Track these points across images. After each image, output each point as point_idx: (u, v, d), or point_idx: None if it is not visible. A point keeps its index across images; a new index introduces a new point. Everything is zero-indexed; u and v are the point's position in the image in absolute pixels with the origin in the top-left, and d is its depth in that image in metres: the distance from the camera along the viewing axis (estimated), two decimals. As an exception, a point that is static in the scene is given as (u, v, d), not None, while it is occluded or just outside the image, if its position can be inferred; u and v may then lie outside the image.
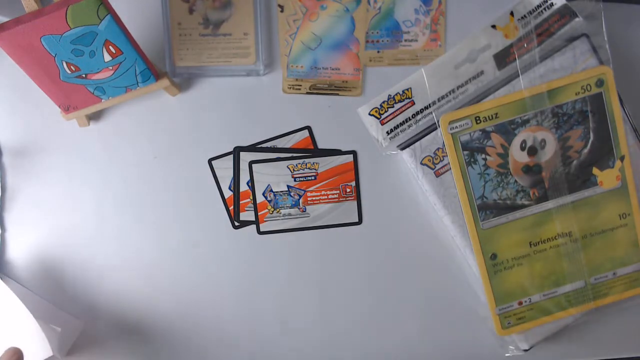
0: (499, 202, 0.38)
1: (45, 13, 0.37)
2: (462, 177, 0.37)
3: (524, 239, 0.40)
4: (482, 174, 0.37)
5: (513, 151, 0.37)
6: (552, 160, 0.37)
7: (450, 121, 0.37)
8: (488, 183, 0.37)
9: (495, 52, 0.45)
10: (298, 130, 0.48)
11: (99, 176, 0.49)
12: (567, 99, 0.36)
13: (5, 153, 0.49)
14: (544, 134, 0.37)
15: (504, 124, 0.36)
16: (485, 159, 0.37)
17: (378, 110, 0.46)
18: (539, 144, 0.37)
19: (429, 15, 0.48)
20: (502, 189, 0.37)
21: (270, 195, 0.48)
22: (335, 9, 0.47)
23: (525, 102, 0.36)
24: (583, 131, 0.37)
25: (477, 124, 0.35)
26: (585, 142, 0.37)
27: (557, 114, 0.36)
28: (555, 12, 0.45)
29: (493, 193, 0.38)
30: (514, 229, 0.39)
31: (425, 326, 0.48)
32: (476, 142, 0.36)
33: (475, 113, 0.37)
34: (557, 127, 0.37)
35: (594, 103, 0.37)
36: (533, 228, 0.39)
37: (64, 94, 0.44)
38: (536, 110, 0.36)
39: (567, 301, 0.42)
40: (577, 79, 0.36)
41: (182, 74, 0.48)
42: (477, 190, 0.37)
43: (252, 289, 0.49)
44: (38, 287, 0.48)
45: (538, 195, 0.38)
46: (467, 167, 0.36)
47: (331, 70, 0.48)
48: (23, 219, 0.49)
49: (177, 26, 0.47)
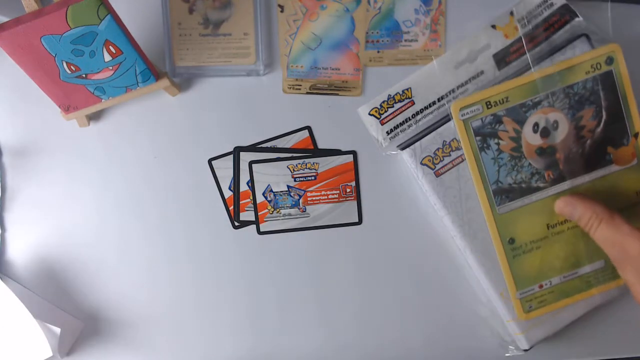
0: (514, 185, 0.38)
1: (45, 13, 0.37)
2: (476, 163, 0.38)
3: (541, 222, 0.40)
4: (495, 158, 0.37)
5: (526, 134, 0.37)
6: (565, 141, 0.37)
7: (461, 107, 0.37)
8: (502, 167, 0.37)
9: (495, 52, 0.45)
10: (298, 130, 0.48)
11: (99, 176, 0.49)
12: (577, 79, 0.36)
13: (5, 153, 0.49)
14: (556, 115, 0.37)
15: (515, 107, 0.36)
16: (498, 143, 0.37)
17: (378, 110, 0.46)
18: (551, 126, 0.37)
19: (429, 15, 0.48)
20: (517, 172, 0.38)
21: (270, 195, 0.48)
22: (335, 9, 0.47)
23: (536, 84, 0.36)
24: (595, 110, 0.37)
25: (487, 108, 0.35)
26: (598, 121, 0.37)
27: (568, 94, 0.36)
28: (555, 12, 0.45)
29: (508, 177, 0.38)
30: (531, 211, 0.40)
31: (425, 326, 0.48)
32: (488, 127, 0.36)
33: (486, 98, 0.37)
34: (569, 108, 0.37)
35: (605, 81, 0.37)
36: (550, 210, 0.40)
37: (64, 94, 0.44)
38: (547, 91, 0.36)
39: (588, 282, 0.42)
40: (587, 57, 0.37)
41: (182, 74, 0.48)
42: (491, 175, 0.38)
43: (252, 289, 0.49)
44: (38, 287, 0.48)
45: (553, 177, 0.38)
46: (480, 153, 0.37)
47: (331, 70, 0.48)
48: (23, 219, 0.49)
49: (177, 26, 0.47)
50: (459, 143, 0.45)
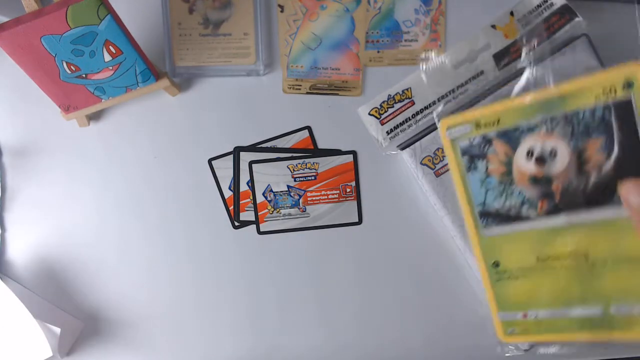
0: (502, 211, 0.34)
1: (45, 13, 0.37)
2: (462, 182, 0.34)
3: (530, 252, 0.35)
4: (483, 181, 0.33)
5: (518, 160, 0.32)
6: (564, 172, 0.31)
7: (449, 126, 0.33)
8: (490, 191, 0.33)
9: (495, 52, 0.45)
10: (298, 130, 0.48)
11: (99, 176, 0.49)
12: (584, 105, 0.29)
13: (5, 153, 0.49)
14: (554, 143, 0.31)
15: (507, 130, 0.31)
16: (487, 166, 0.33)
17: (378, 110, 0.46)
18: (548, 154, 0.31)
19: (429, 15, 0.48)
20: (506, 198, 0.33)
21: (270, 195, 0.48)
22: (335, 9, 0.47)
23: (532, 108, 0.30)
24: (605, 142, 0.30)
25: (477, 129, 0.31)
26: (607, 155, 0.30)
27: (571, 121, 0.30)
28: (555, 12, 0.45)
29: (495, 202, 0.34)
30: (519, 239, 0.35)
31: (425, 326, 0.48)
32: (477, 149, 0.32)
33: (476, 118, 0.33)
34: (572, 136, 0.30)
35: (620, 110, 0.29)
36: (540, 243, 0.35)
37: (64, 94, 0.44)
38: (545, 116, 0.30)
39: (581, 325, 0.36)
40: (598, 80, 0.29)
41: (182, 74, 0.48)
42: (478, 196, 0.34)
43: (252, 289, 0.49)
44: (38, 287, 0.48)
45: (547, 208, 0.33)
46: (467, 173, 0.33)
47: (331, 70, 0.48)
48: (23, 219, 0.49)
49: (177, 26, 0.47)
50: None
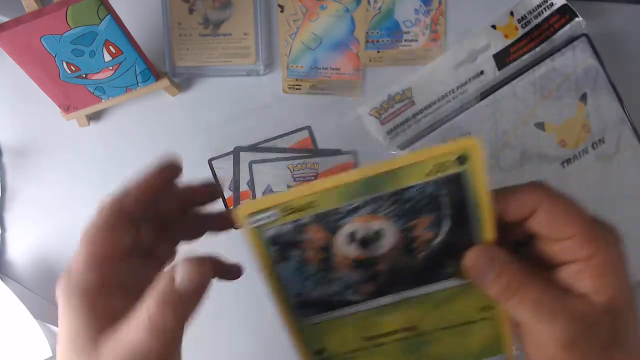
0: (323, 299, 0.30)
1: (45, 13, 0.37)
2: (271, 276, 0.29)
3: (358, 334, 0.33)
4: (299, 270, 0.29)
5: (339, 244, 0.28)
6: (390, 253, 0.28)
7: (250, 214, 0.27)
8: (308, 280, 0.29)
9: (495, 52, 0.45)
10: (298, 130, 0.48)
11: (99, 176, 0.49)
12: (413, 182, 0.26)
13: (5, 153, 0.49)
14: (379, 224, 0.27)
15: (324, 213, 0.27)
16: (302, 254, 0.28)
17: (378, 110, 0.46)
18: (372, 236, 0.28)
19: (429, 15, 0.48)
20: (327, 285, 0.29)
21: (270, 195, 0.48)
22: (335, 9, 0.47)
23: (354, 188, 0.26)
24: (434, 219, 0.27)
25: (286, 215, 0.26)
26: (436, 232, 0.28)
27: (398, 200, 0.27)
28: (555, 12, 0.45)
29: (315, 290, 0.30)
30: (345, 323, 0.32)
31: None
32: (288, 236, 0.27)
33: (284, 202, 0.27)
34: (398, 216, 0.27)
35: (451, 186, 0.26)
36: (367, 323, 0.32)
37: (64, 94, 0.44)
38: (367, 197, 0.26)
39: None
40: (431, 155, 0.25)
41: (182, 74, 0.48)
42: (294, 287, 0.30)
43: (252, 289, 0.48)
44: (38, 287, 0.48)
45: (372, 290, 0.30)
46: (278, 264, 0.28)
47: (331, 70, 0.48)
48: (23, 219, 0.49)
49: (177, 26, 0.47)
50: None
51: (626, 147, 0.45)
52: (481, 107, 0.44)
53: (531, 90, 0.44)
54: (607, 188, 0.45)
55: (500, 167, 0.45)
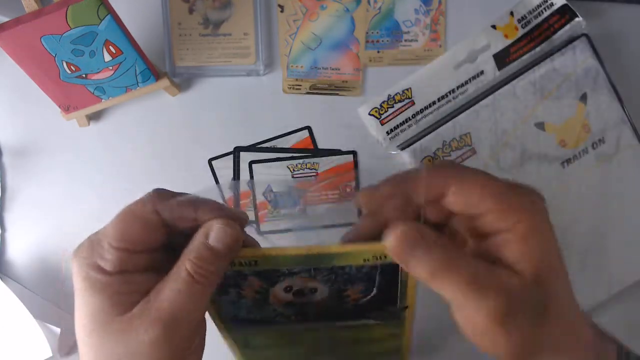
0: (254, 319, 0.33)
1: (45, 13, 0.37)
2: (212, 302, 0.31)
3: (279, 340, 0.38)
4: (235, 302, 0.31)
5: (276, 292, 0.30)
6: (322, 302, 0.31)
7: None
8: (242, 308, 0.32)
9: (495, 52, 0.45)
10: (298, 130, 0.48)
11: (99, 176, 0.49)
12: (350, 263, 0.28)
13: (5, 153, 0.49)
14: (316, 284, 0.30)
15: (265, 271, 0.29)
16: (240, 292, 0.30)
17: (378, 110, 0.46)
18: (307, 290, 0.30)
19: (429, 15, 0.48)
20: (259, 312, 0.32)
21: (270, 195, 0.48)
22: (335, 9, 0.47)
23: (295, 260, 0.28)
24: (365, 287, 0.30)
25: (231, 266, 0.28)
26: (366, 295, 0.31)
27: (335, 272, 0.28)
28: (555, 12, 0.45)
29: (248, 315, 0.33)
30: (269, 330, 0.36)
31: (426, 326, 0.48)
32: (230, 279, 0.29)
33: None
34: (333, 282, 0.29)
35: (385, 267, 0.28)
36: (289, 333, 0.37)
37: (64, 94, 0.44)
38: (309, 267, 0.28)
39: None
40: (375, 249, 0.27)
41: (182, 74, 0.48)
42: (229, 311, 0.32)
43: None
44: (38, 287, 0.48)
45: (300, 318, 0.33)
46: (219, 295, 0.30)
47: (331, 70, 0.48)
48: (23, 219, 0.49)
49: (177, 26, 0.47)
50: (459, 143, 0.45)
51: (626, 147, 0.45)
52: (481, 107, 0.44)
53: (531, 90, 0.44)
54: (607, 188, 0.45)
55: (500, 167, 0.45)
